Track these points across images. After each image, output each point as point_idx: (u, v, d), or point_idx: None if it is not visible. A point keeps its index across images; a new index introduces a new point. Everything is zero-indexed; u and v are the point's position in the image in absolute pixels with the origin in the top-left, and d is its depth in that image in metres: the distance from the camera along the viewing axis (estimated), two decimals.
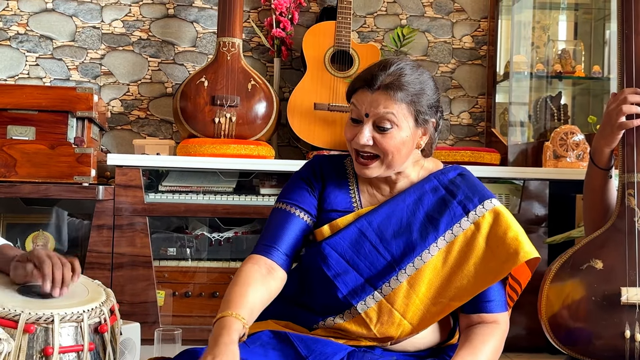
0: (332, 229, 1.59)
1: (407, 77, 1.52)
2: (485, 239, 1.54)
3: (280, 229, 1.58)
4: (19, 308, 1.42)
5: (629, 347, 1.93)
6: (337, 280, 1.54)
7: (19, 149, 2.63)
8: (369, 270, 1.55)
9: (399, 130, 1.52)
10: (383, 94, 1.50)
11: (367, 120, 1.52)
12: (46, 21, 3.36)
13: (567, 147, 2.94)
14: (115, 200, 2.74)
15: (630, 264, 1.96)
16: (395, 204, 1.59)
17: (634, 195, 2.00)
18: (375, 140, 1.52)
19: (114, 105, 3.39)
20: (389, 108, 1.50)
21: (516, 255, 1.50)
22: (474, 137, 3.56)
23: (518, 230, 1.54)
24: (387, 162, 1.54)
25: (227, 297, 1.49)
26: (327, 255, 1.56)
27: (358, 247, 1.56)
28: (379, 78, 1.51)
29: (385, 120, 1.51)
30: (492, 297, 1.54)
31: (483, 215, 1.55)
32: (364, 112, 1.52)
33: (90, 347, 1.47)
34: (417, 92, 1.52)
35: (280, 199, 1.64)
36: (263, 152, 2.96)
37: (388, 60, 1.56)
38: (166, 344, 2.19)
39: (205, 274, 2.90)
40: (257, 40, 3.44)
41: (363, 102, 1.52)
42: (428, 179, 1.62)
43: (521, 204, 2.85)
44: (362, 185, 1.63)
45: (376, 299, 1.53)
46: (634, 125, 1.98)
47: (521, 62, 3.32)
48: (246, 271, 1.54)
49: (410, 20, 3.53)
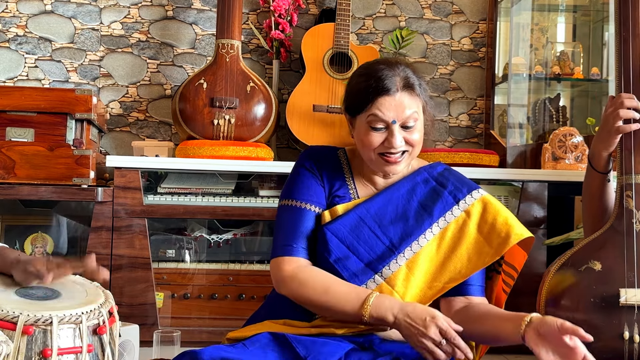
0: (332, 215, 1.63)
1: (411, 71, 1.59)
2: (476, 225, 1.60)
3: (300, 228, 1.61)
4: (18, 310, 1.42)
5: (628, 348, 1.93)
6: (338, 265, 1.58)
7: (17, 150, 2.63)
8: (369, 255, 1.59)
9: (419, 123, 1.60)
10: (404, 95, 1.56)
11: (395, 126, 1.56)
12: (45, 23, 3.36)
13: (565, 149, 2.94)
14: (114, 202, 2.74)
15: (628, 265, 1.96)
16: (391, 193, 1.65)
17: (632, 196, 2.01)
18: (404, 138, 1.58)
19: (113, 107, 3.39)
20: (413, 108, 1.57)
21: (508, 238, 1.58)
22: (472, 139, 3.57)
23: (507, 214, 1.61)
24: (412, 155, 1.62)
25: (339, 290, 1.53)
26: (328, 240, 1.59)
27: (358, 232, 1.60)
28: (394, 81, 1.55)
29: (411, 119, 1.57)
30: (475, 282, 1.63)
31: (472, 203, 1.62)
32: (391, 119, 1.55)
33: (89, 348, 1.47)
34: (424, 84, 1.61)
35: (289, 197, 1.65)
36: (262, 153, 2.96)
37: (380, 63, 1.59)
38: (165, 345, 2.19)
39: (204, 275, 2.90)
40: (256, 42, 3.45)
41: (387, 109, 1.54)
42: (418, 172, 1.69)
43: (520, 205, 2.86)
44: (357, 177, 1.68)
45: (377, 282, 1.57)
46: (631, 130, 1.98)
47: (520, 64, 3.32)
48: (311, 272, 1.57)
49: (409, 22, 3.54)
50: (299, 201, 1.63)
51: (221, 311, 2.88)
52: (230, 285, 2.89)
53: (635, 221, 2.00)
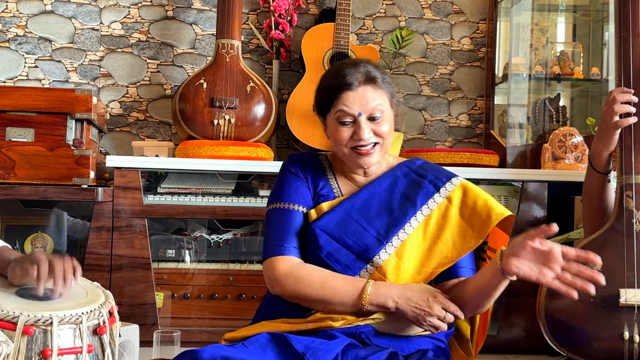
0: (318, 213, 1.68)
1: (372, 66, 1.68)
2: (458, 210, 1.66)
3: (291, 228, 1.67)
4: (18, 310, 1.42)
5: (628, 348, 1.94)
6: (329, 259, 1.63)
7: (17, 150, 2.63)
8: (359, 247, 1.63)
9: (386, 114, 1.66)
10: (367, 88, 1.64)
11: (361, 118, 1.63)
12: (45, 23, 3.36)
13: (565, 149, 2.94)
14: (114, 202, 2.74)
15: (628, 265, 1.96)
16: (373, 188, 1.71)
17: (632, 196, 2.01)
18: (373, 130, 1.64)
19: (113, 107, 3.39)
20: (377, 100, 1.64)
21: (489, 219, 1.62)
22: (472, 139, 3.57)
23: (486, 197, 1.67)
24: (384, 146, 1.68)
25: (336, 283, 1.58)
26: (317, 236, 1.64)
27: (345, 226, 1.65)
28: (355, 76, 1.64)
29: (376, 111, 1.64)
30: (465, 265, 1.67)
31: (453, 190, 1.68)
32: (357, 112, 1.63)
33: (89, 349, 1.47)
34: (387, 77, 1.69)
35: (277, 200, 1.71)
36: (262, 153, 2.96)
37: (344, 63, 1.69)
38: (165, 346, 2.19)
39: (204, 275, 2.90)
40: (256, 42, 3.45)
41: (352, 103, 1.63)
42: (397, 167, 1.75)
43: (520, 205, 2.85)
44: (339, 176, 1.75)
45: (369, 272, 1.62)
46: (629, 123, 1.99)
47: (520, 64, 3.32)
48: (305, 268, 1.62)
49: (409, 22, 3.54)
50: (286, 203, 1.69)
51: (221, 311, 2.88)
52: (230, 285, 2.89)
53: (635, 221, 2.00)
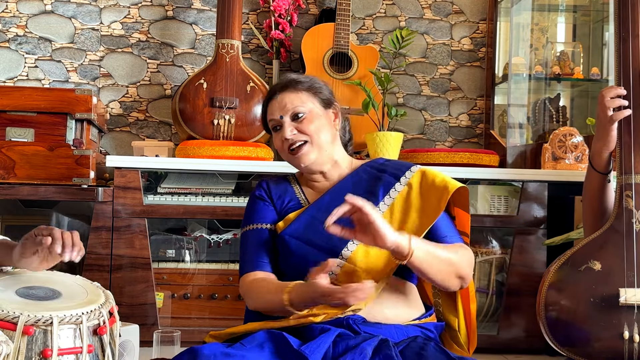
0: (285, 223, 1.77)
1: (294, 76, 1.82)
2: (418, 192, 1.74)
3: (258, 245, 1.77)
4: (18, 310, 1.42)
5: (628, 348, 1.94)
6: (303, 262, 1.67)
7: (17, 150, 2.64)
8: (327, 245, 1.69)
9: (311, 113, 1.76)
10: (285, 94, 1.77)
11: (284, 120, 1.76)
12: (45, 23, 3.37)
13: (565, 149, 2.95)
14: (114, 202, 2.74)
15: (628, 265, 1.96)
16: (337, 189, 1.78)
17: (632, 196, 2.01)
18: (297, 129, 1.75)
19: (113, 107, 3.39)
20: (295, 101, 1.76)
21: (446, 189, 1.70)
22: (472, 139, 3.57)
23: (443, 175, 1.76)
24: (316, 144, 1.76)
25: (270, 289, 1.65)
26: (287, 243, 1.73)
27: (313, 228, 1.72)
28: (276, 87, 1.80)
29: (296, 110, 1.75)
30: (446, 233, 1.71)
31: (412, 176, 1.76)
32: (278, 116, 1.77)
33: (89, 349, 1.47)
34: (308, 81, 1.80)
35: (247, 224, 1.82)
36: (262, 154, 2.96)
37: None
38: (165, 345, 2.19)
39: (204, 275, 2.90)
40: (256, 42, 3.45)
41: (274, 110, 1.78)
42: (360, 167, 1.84)
43: (520, 205, 2.85)
44: (304, 186, 1.85)
45: (340, 265, 1.67)
46: (624, 115, 1.99)
47: (520, 64, 3.32)
48: (258, 282, 1.71)
49: (409, 22, 3.54)
50: (254, 224, 1.80)
51: (221, 311, 2.88)
52: (230, 285, 2.89)
53: (635, 221, 2.00)
